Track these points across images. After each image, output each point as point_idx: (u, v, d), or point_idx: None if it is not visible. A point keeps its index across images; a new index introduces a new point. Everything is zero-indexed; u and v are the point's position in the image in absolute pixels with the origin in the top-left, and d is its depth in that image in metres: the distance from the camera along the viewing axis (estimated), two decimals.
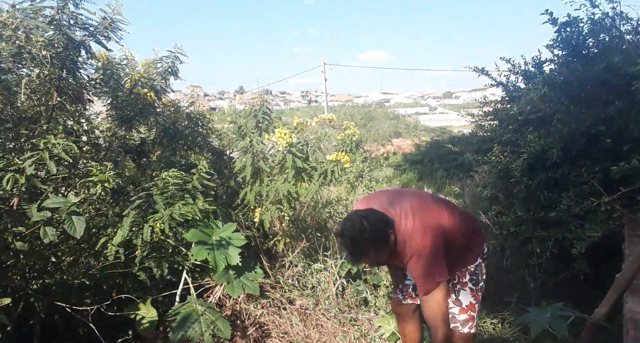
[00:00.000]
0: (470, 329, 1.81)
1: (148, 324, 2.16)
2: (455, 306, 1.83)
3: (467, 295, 1.81)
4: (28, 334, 2.02)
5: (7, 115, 2.01)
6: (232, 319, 2.44)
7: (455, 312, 1.83)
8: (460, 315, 1.81)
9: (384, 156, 12.45)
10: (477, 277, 1.82)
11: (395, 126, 19.69)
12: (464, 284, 1.82)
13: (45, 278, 2.15)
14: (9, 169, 1.68)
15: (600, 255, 2.52)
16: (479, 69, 3.80)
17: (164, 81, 2.74)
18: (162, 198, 2.12)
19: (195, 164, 2.72)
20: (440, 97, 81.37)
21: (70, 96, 2.25)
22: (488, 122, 3.89)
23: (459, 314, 1.82)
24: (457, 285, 1.83)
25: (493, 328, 2.64)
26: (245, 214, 2.83)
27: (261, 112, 2.85)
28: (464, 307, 1.81)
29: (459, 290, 1.82)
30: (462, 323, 1.81)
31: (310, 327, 2.52)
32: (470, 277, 1.81)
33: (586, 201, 2.33)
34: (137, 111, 2.60)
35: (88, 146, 2.41)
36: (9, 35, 1.87)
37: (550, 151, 2.53)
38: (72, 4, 2.03)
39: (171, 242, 2.18)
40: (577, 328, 2.08)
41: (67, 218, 1.67)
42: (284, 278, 2.83)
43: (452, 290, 1.84)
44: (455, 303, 1.83)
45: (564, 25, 2.77)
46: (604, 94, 2.42)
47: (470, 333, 1.82)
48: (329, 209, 3.52)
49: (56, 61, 2.02)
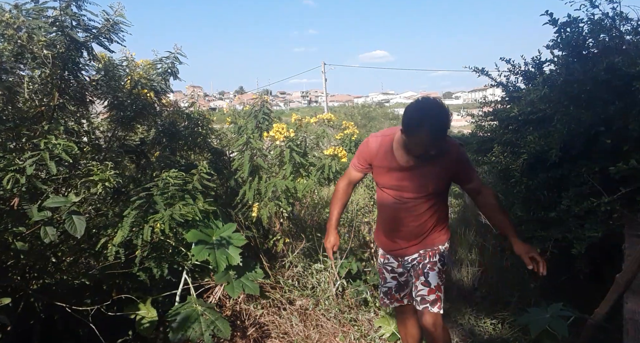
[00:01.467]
0: (439, 309, 1.85)
1: (148, 324, 2.16)
2: (424, 287, 1.87)
3: (435, 276, 1.87)
4: (28, 334, 2.02)
5: (9, 115, 2.01)
6: (232, 319, 2.44)
7: (424, 293, 1.86)
8: (430, 295, 1.85)
9: None
10: (444, 259, 1.92)
11: (395, 126, 19.65)
12: (434, 264, 1.88)
13: (45, 278, 2.15)
14: (9, 169, 1.68)
15: (600, 255, 2.52)
16: (479, 70, 3.80)
17: (163, 81, 2.75)
18: (162, 198, 2.12)
19: (195, 164, 2.72)
20: (440, 98, 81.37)
21: (72, 96, 2.25)
22: (488, 123, 3.90)
23: (428, 295, 1.85)
24: (427, 265, 1.89)
25: (493, 328, 2.64)
26: (245, 214, 2.83)
27: (261, 112, 2.86)
28: (432, 287, 1.86)
29: (427, 272, 1.88)
30: (432, 303, 1.85)
31: (310, 327, 2.52)
32: (440, 257, 1.90)
33: (586, 201, 2.33)
34: (138, 112, 2.60)
35: (89, 147, 2.41)
36: (11, 35, 1.88)
37: (550, 151, 2.53)
38: (75, 6, 2.03)
39: (171, 242, 2.18)
40: (577, 328, 2.08)
41: (67, 217, 1.67)
42: (284, 279, 2.83)
43: (420, 271, 1.90)
44: (424, 284, 1.87)
45: (564, 26, 2.77)
46: (604, 95, 2.42)
47: (439, 314, 1.86)
48: (329, 209, 3.51)
49: (58, 61, 2.02)
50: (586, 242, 2.33)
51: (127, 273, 2.19)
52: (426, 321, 1.86)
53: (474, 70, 3.83)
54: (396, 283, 2.05)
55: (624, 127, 2.28)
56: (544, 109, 2.79)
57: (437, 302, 1.85)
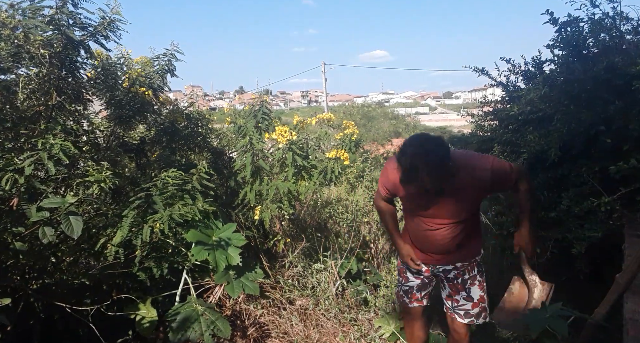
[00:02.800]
0: (484, 319, 1.89)
1: (148, 324, 2.15)
2: (467, 302, 1.87)
3: (477, 288, 1.87)
4: (28, 334, 2.02)
5: (7, 115, 2.00)
6: (232, 319, 2.44)
7: (468, 308, 1.87)
8: (474, 309, 1.87)
9: (384, 156, 12.43)
10: (482, 268, 1.90)
11: (395, 126, 19.71)
12: (474, 277, 1.86)
13: (45, 278, 2.15)
14: (8, 169, 1.68)
15: (600, 255, 2.52)
16: (479, 69, 3.80)
17: (161, 79, 2.74)
18: (161, 198, 2.11)
19: (195, 164, 2.72)
20: (440, 98, 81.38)
21: (70, 95, 2.25)
22: (488, 123, 3.89)
23: (472, 309, 1.87)
24: (467, 281, 1.87)
25: (493, 328, 2.63)
26: (245, 214, 2.83)
27: (261, 112, 2.85)
28: (476, 301, 1.86)
29: (469, 287, 1.87)
30: (476, 316, 1.87)
31: (310, 327, 2.52)
32: (478, 269, 1.88)
33: (586, 201, 2.33)
34: (136, 110, 2.59)
35: (88, 146, 2.40)
36: (7, 35, 1.87)
37: (550, 150, 2.53)
38: (71, 4, 2.02)
39: (171, 242, 2.18)
40: (577, 328, 2.08)
41: (64, 218, 1.66)
42: (284, 278, 2.83)
43: (461, 286, 1.88)
44: (467, 299, 1.87)
45: (564, 25, 2.77)
46: (604, 94, 2.42)
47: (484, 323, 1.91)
48: (329, 210, 3.51)
49: (55, 60, 2.02)
50: (586, 242, 2.33)
51: (127, 273, 2.18)
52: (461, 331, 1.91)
53: (474, 70, 3.83)
54: (419, 283, 1.97)
55: (624, 126, 2.28)
56: (544, 109, 2.79)
57: (482, 312, 1.88)
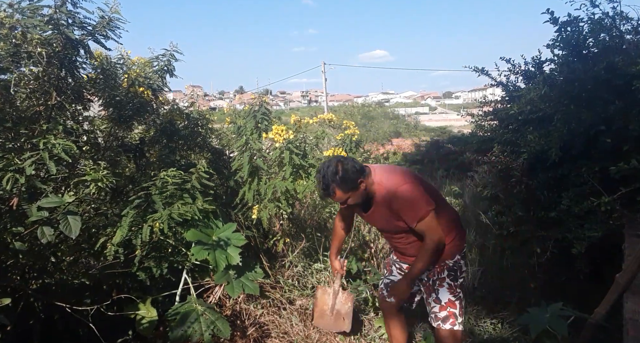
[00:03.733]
0: (452, 326, 1.83)
1: (148, 324, 2.15)
2: (435, 304, 1.86)
3: (446, 291, 1.84)
4: (28, 334, 2.02)
5: (7, 115, 2.00)
6: (232, 319, 2.44)
7: (436, 311, 1.86)
8: (441, 312, 1.85)
9: (384, 156, 12.43)
10: (455, 273, 1.85)
11: (395, 125, 19.70)
12: (442, 280, 1.85)
13: (45, 278, 2.14)
14: (8, 169, 1.68)
15: (600, 255, 2.52)
16: (479, 69, 3.80)
17: (160, 79, 2.74)
18: (161, 197, 2.11)
19: (194, 163, 2.72)
20: (440, 97, 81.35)
21: (70, 95, 2.24)
22: (488, 122, 3.90)
23: (440, 312, 1.85)
24: (435, 282, 1.86)
25: (493, 328, 2.63)
26: (245, 214, 2.83)
27: (260, 112, 2.85)
28: (443, 304, 1.84)
29: (437, 288, 1.86)
30: (443, 320, 1.84)
31: (310, 327, 2.52)
32: (449, 273, 1.85)
33: (586, 201, 2.33)
34: (135, 110, 2.59)
35: (88, 146, 2.40)
36: (5, 34, 1.87)
37: (550, 150, 2.53)
38: (70, 3, 2.01)
39: (171, 242, 2.17)
40: (577, 328, 2.08)
41: (62, 217, 1.66)
42: (284, 278, 2.83)
43: (431, 288, 1.88)
44: (435, 301, 1.86)
45: (564, 25, 2.77)
46: (604, 94, 2.42)
47: (454, 330, 1.83)
48: (328, 209, 3.51)
49: (55, 60, 2.01)
50: (586, 242, 2.33)
51: (127, 273, 2.18)
52: (439, 337, 1.87)
53: (474, 70, 3.83)
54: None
55: (624, 126, 2.28)
56: (544, 109, 2.79)
57: (449, 318, 1.82)
